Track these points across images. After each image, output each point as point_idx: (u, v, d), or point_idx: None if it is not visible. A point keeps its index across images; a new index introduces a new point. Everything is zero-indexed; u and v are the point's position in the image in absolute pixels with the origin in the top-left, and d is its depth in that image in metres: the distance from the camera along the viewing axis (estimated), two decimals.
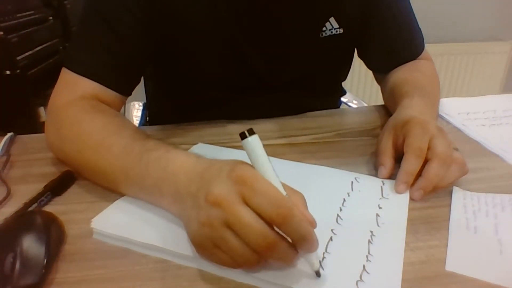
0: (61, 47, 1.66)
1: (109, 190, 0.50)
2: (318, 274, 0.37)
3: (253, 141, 0.36)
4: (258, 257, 0.35)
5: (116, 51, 0.61)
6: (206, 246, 0.37)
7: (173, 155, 0.45)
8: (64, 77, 0.60)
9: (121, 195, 0.49)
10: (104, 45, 0.60)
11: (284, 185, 0.36)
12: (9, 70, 1.37)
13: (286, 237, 0.35)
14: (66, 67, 0.60)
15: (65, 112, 0.56)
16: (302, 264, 0.39)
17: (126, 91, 0.64)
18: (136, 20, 0.61)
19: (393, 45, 0.76)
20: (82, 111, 0.56)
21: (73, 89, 0.58)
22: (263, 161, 0.36)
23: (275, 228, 0.35)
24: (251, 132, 0.36)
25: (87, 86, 0.59)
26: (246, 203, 0.34)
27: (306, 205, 0.37)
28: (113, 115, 0.57)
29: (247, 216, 0.34)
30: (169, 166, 0.43)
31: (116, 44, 0.60)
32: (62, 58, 0.66)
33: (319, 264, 0.38)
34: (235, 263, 0.36)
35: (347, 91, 0.94)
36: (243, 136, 0.36)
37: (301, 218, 0.34)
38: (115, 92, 0.61)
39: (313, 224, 0.36)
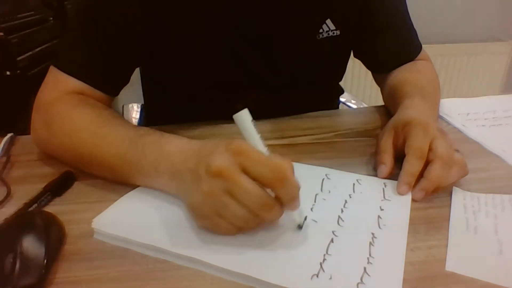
0: None
1: (105, 179, 0.52)
2: (300, 227, 0.43)
3: (242, 115, 0.40)
4: (255, 218, 0.39)
5: (104, 51, 0.60)
6: (208, 215, 0.40)
7: (167, 138, 0.48)
8: (52, 75, 0.60)
9: (120, 194, 0.49)
10: (93, 45, 0.60)
11: (272, 155, 0.40)
12: (9, 71, 1.36)
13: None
14: (54, 65, 0.60)
15: (55, 107, 0.57)
16: (302, 265, 0.39)
17: (113, 91, 0.64)
18: (127, 20, 0.60)
19: (392, 45, 0.76)
20: (72, 105, 0.56)
21: (60, 87, 0.59)
22: (252, 133, 0.41)
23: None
24: (241, 108, 0.40)
25: (74, 84, 0.59)
26: (245, 171, 0.38)
27: (293, 172, 0.40)
28: (102, 108, 0.58)
29: (247, 182, 0.38)
30: (164, 147, 0.47)
31: (105, 44, 0.60)
32: None
33: (302, 219, 0.43)
34: (234, 228, 0.40)
35: (346, 91, 0.94)
36: (234, 111, 0.40)
37: (293, 182, 0.39)
38: (102, 92, 0.61)
39: (298, 187, 0.40)
